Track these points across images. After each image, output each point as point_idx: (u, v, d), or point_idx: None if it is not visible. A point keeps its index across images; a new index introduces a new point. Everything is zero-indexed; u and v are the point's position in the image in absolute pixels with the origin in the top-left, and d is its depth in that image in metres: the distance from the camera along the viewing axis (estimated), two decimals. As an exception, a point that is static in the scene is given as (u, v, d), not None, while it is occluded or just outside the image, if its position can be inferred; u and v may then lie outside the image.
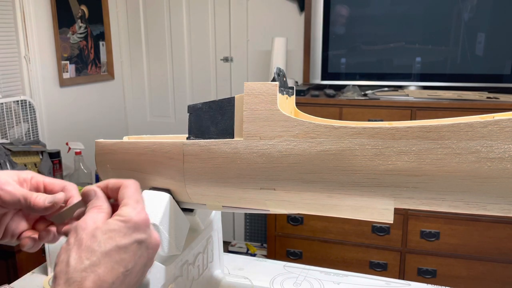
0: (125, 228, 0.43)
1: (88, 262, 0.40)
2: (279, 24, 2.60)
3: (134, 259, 0.43)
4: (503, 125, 0.44)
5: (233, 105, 0.57)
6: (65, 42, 2.49)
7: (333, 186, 0.52)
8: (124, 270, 0.42)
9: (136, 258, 0.43)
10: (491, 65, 2.08)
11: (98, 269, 0.40)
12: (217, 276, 0.85)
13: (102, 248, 0.41)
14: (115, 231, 0.43)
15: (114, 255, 0.42)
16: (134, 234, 0.43)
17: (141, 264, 0.44)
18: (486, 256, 1.95)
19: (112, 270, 0.41)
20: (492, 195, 0.46)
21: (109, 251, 0.42)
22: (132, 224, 0.44)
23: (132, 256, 0.43)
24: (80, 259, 0.41)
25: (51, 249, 0.93)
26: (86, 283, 0.40)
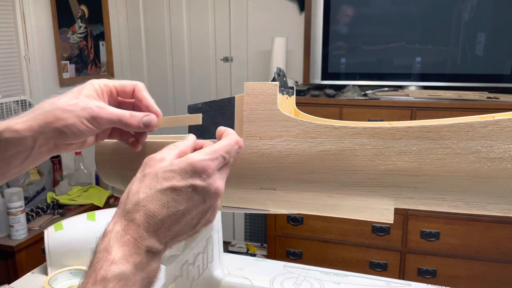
0: (185, 172, 0.44)
1: (143, 196, 0.43)
2: (279, 24, 2.60)
3: (188, 203, 0.44)
4: (503, 125, 0.44)
5: (233, 105, 0.57)
6: (65, 42, 2.49)
7: (333, 186, 0.52)
8: (175, 211, 0.43)
9: (190, 203, 0.44)
10: (491, 65, 2.08)
11: (149, 204, 0.42)
12: (217, 276, 0.85)
13: (158, 186, 0.43)
14: (175, 172, 0.44)
15: (168, 194, 0.43)
16: (192, 179, 0.44)
17: (197, 211, 0.45)
18: (486, 256, 1.95)
19: (162, 207, 0.43)
20: (492, 195, 0.46)
21: (164, 190, 0.43)
22: (192, 169, 0.44)
23: (185, 199, 0.44)
24: (138, 193, 0.43)
25: (51, 249, 0.93)
26: (137, 215, 0.42)
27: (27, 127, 0.50)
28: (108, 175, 0.69)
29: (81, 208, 2.13)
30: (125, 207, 0.43)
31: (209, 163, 0.45)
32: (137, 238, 0.42)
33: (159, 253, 0.43)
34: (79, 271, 0.92)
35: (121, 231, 0.42)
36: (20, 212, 1.79)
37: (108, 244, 0.41)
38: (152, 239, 0.42)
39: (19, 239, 1.80)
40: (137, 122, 0.54)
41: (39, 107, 0.52)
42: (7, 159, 0.51)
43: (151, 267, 0.42)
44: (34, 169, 2.15)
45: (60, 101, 0.52)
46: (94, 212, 0.99)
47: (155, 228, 0.42)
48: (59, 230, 0.94)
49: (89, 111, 0.51)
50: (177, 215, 0.44)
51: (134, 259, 0.41)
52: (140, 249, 0.42)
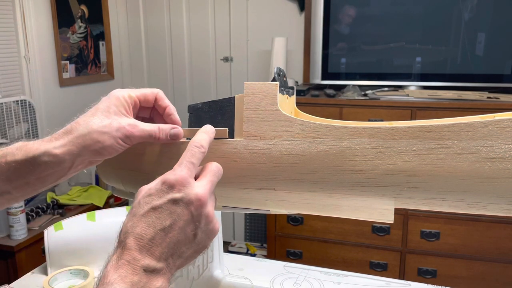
0: (160, 190, 0.47)
1: (130, 224, 0.46)
2: (279, 24, 2.60)
3: (172, 216, 0.46)
4: (504, 125, 0.44)
5: (233, 105, 0.57)
6: (65, 42, 2.49)
7: (333, 186, 0.52)
8: (161, 227, 0.45)
9: (174, 216, 0.46)
10: (491, 65, 2.08)
11: (136, 229, 0.45)
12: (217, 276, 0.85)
13: (140, 212, 0.46)
14: (152, 194, 0.47)
15: (150, 215, 0.46)
16: (169, 194, 0.46)
17: (185, 221, 0.46)
18: (486, 256, 1.95)
19: (148, 227, 0.45)
20: (493, 195, 0.46)
21: (145, 213, 0.46)
22: (166, 185, 0.47)
23: (168, 214, 0.46)
24: (126, 224, 0.46)
25: (51, 250, 0.93)
26: (127, 241, 0.45)
27: (66, 151, 0.53)
28: (108, 175, 0.69)
29: (81, 208, 2.13)
30: (119, 239, 0.46)
31: (179, 173, 0.47)
32: (130, 260, 0.43)
33: (160, 271, 0.45)
34: (79, 271, 0.92)
35: (116, 258, 0.44)
36: (20, 212, 1.79)
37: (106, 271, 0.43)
38: (147, 259, 0.44)
39: (19, 239, 1.80)
40: (165, 136, 0.57)
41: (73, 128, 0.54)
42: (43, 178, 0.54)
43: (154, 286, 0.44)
44: (34, 169, 2.15)
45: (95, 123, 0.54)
46: (94, 212, 0.99)
47: (147, 248, 0.44)
48: (59, 230, 0.94)
49: (123, 131, 0.54)
50: (166, 231, 0.45)
51: (131, 279, 0.42)
52: (136, 269, 0.43)
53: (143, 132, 0.55)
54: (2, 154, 0.54)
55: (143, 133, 0.55)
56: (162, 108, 0.60)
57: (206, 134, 0.53)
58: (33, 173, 0.53)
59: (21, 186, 0.55)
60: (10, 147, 0.54)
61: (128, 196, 0.70)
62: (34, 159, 0.52)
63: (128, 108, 0.57)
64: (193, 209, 0.47)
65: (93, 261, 0.93)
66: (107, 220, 0.97)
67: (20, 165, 0.53)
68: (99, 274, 0.44)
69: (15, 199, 0.57)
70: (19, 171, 0.53)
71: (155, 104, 0.60)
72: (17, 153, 0.53)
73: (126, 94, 0.57)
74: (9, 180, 0.54)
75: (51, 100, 2.41)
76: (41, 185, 0.55)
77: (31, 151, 0.52)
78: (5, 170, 0.53)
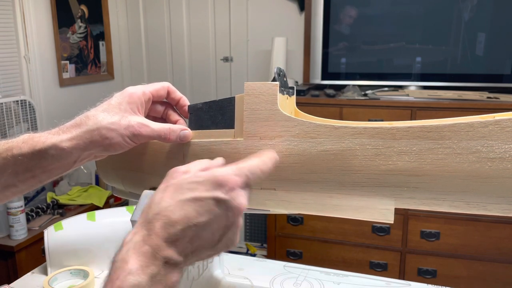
0: (209, 183, 0.44)
1: (165, 206, 0.43)
2: (279, 24, 2.59)
3: (209, 215, 0.43)
4: (504, 125, 0.44)
5: (233, 105, 0.57)
6: (65, 42, 2.49)
7: (334, 186, 0.52)
8: (196, 222, 0.42)
9: (212, 216, 0.43)
10: (491, 65, 2.08)
11: (170, 213, 0.42)
12: (217, 276, 0.85)
13: (181, 196, 0.43)
14: (199, 183, 0.44)
15: (189, 205, 0.43)
16: (215, 191, 0.44)
17: (219, 225, 0.44)
18: (486, 256, 1.95)
19: (183, 218, 0.42)
20: (493, 195, 0.46)
21: (186, 200, 0.43)
22: (216, 181, 0.44)
23: (207, 211, 0.43)
24: (159, 203, 0.43)
25: (51, 250, 0.93)
26: (157, 224, 0.42)
27: (74, 145, 0.52)
28: (108, 175, 0.69)
29: (81, 208, 2.13)
30: (147, 216, 0.43)
31: (234, 177, 0.45)
32: (155, 248, 0.41)
33: (178, 266, 0.43)
34: (79, 271, 0.92)
35: (140, 241, 0.42)
36: (20, 212, 1.78)
37: (126, 254, 0.41)
38: (171, 250, 0.42)
39: (19, 239, 1.80)
40: (175, 137, 0.56)
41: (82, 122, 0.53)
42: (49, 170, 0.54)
43: (170, 280, 0.42)
44: (34, 169, 2.15)
45: (104, 119, 0.53)
46: (94, 212, 0.99)
47: (174, 239, 0.42)
48: (59, 230, 0.94)
49: (132, 129, 0.53)
50: (198, 227, 0.43)
51: (151, 270, 0.40)
52: (157, 260, 0.41)
53: (152, 133, 0.55)
54: (8, 147, 0.53)
55: (152, 133, 0.55)
56: (175, 101, 0.61)
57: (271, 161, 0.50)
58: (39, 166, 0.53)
59: (27, 179, 0.54)
60: (15, 140, 0.54)
61: (128, 196, 0.70)
62: (40, 153, 0.52)
63: (140, 106, 0.56)
64: (232, 216, 0.45)
65: (93, 261, 0.93)
66: (107, 220, 0.97)
67: (26, 159, 0.52)
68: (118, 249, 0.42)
69: (21, 192, 0.57)
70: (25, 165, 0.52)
71: (167, 98, 0.60)
72: (23, 147, 0.52)
73: (140, 91, 0.57)
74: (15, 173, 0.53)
75: (51, 100, 2.41)
76: (46, 177, 0.55)
77: (37, 145, 0.52)
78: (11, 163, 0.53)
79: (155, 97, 0.59)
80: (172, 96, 0.60)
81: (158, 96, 0.59)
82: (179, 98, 0.61)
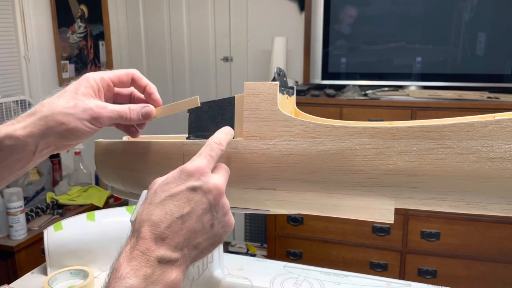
0: (178, 178, 0.46)
1: (146, 213, 0.44)
2: (279, 24, 2.59)
3: (189, 204, 0.45)
4: (504, 125, 0.44)
5: (233, 105, 0.57)
6: (64, 42, 2.49)
7: (334, 186, 0.52)
8: (178, 215, 0.44)
9: (192, 203, 0.45)
10: (491, 65, 2.08)
11: (152, 216, 0.44)
12: (217, 276, 0.85)
13: (156, 200, 0.45)
14: (169, 183, 0.46)
15: (168, 203, 0.44)
16: (187, 182, 0.45)
17: (202, 209, 0.45)
18: (487, 256, 1.95)
19: (165, 215, 0.44)
20: (493, 195, 0.46)
21: (162, 201, 0.45)
22: (184, 174, 0.46)
23: (186, 201, 0.45)
24: (142, 212, 0.45)
25: (51, 250, 0.93)
26: (142, 229, 0.43)
27: (28, 133, 0.50)
28: (108, 175, 0.69)
29: (80, 208, 2.13)
30: (133, 228, 0.45)
31: (198, 163, 0.47)
32: (145, 251, 0.42)
33: (175, 262, 0.43)
34: (79, 271, 0.92)
35: (130, 249, 0.43)
36: (19, 212, 1.78)
37: (118, 264, 0.42)
38: (162, 249, 0.42)
39: (19, 239, 1.80)
40: (137, 115, 0.55)
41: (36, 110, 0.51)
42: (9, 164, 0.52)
43: (168, 278, 0.42)
44: (33, 169, 2.15)
45: (59, 104, 0.51)
46: (94, 212, 0.99)
47: (162, 237, 0.43)
48: (58, 230, 0.94)
49: (90, 112, 0.52)
50: (183, 219, 0.44)
51: (143, 272, 0.41)
52: (149, 261, 0.41)
53: (112, 113, 0.53)
54: None
55: (113, 113, 0.53)
56: (141, 88, 0.59)
57: (226, 135, 0.52)
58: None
59: None
60: None
61: (128, 196, 0.70)
62: None
63: (98, 91, 0.55)
64: (212, 197, 0.46)
65: (93, 261, 0.93)
66: (107, 220, 0.97)
67: None
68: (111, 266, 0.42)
69: None
70: None
71: (133, 85, 0.59)
72: None
73: (97, 77, 0.55)
74: None
75: (51, 100, 2.41)
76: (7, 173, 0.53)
77: None
78: None
79: (117, 84, 0.57)
80: (138, 83, 0.59)
81: (121, 83, 0.58)
82: (145, 85, 0.59)
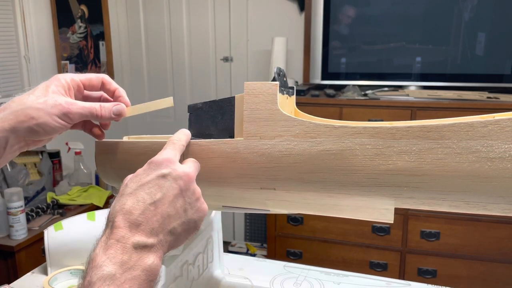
0: (148, 169, 0.48)
1: (119, 204, 0.46)
2: (279, 24, 2.59)
3: (161, 190, 0.46)
4: (504, 124, 0.44)
5: (233, 105, 0.57)
6: (64, 42, 2.49)
7: (334, 186, 0.52)
8: (151, 201, 0.45)
9: (163, 189, 0.46)
10: (491, 65, 2.08)
11: (125, 206, 0.45)
12: (217, 276, 0.85)
13: (128, 190, 0.47)
14: (139, 175, 0.48)
15: (139, 192, 0.46)
16: (156, 170, 0.47)
17: (174, 194, 0.47)
18: (487, 256, 1.95)
19: (137, 203, 0.45)
20: (493, 194, 0.46)
21: (133, 190, 0.46)
22: (153, 164, 0.48)
23: (157, 188, 0.46)
24: (115, 205, 0.46)
25: (51, 250, 0.93)
26: (116, 219, 0.44)
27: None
28: (108, 175, 0.69)
29: (81, 208, 2.13)
30: (107, 220, 0.46)
31: (165, 154, 0.49)
32: (120, 239, 0.43)
33: (152, 248, 0.44)
34: (79, 271, 0.92)
35: (105, 239, 0.44)
36: (20, 212, 1.78)
37: (94, 254, 0.43)
38: (137, 235, 0.43)
39: (19, 239, 1.80)
40: (108, 113, 0.56)
41: (6, 106, 0.52)
42: None
43: (145, 263, 0.43)
44: (34, 169, 2.15)
45: (29, 100, 0.52)
46: (94, 212, 0.99)
47: (137, 224, 0.44)
48: (59, 230, 0.94)
49: (60, 107, 0.53)
50: (155, 204, 0.45)
51: (119, 258, 0.42)
52: (125, 248, 0.42)
53: (82, 109, 0.54)
54: None
55: (83, 110, 0.54)
56: (111, 92, 0.60)
57: (184, 135, 0.55)
58: None
59: None
60: None
61: (128, 196, 0.70)
62: None
63: (68, 90, 0.56)
64: (182, 183, 0.48)
65: (93, 261, 0.93)
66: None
67: None
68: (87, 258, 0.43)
69: None
70: None
71: (103, 89, 0.60)
72: None
73: (68, 78, 0.56)
74: None
75: (51, 100, 2.41)
76: None
77: None
78: None
79: (87, 86, 0.58)
80: (107, 87, 0.60)
81: (91, 85, 0.59)
82: (114, 89, 0.60)
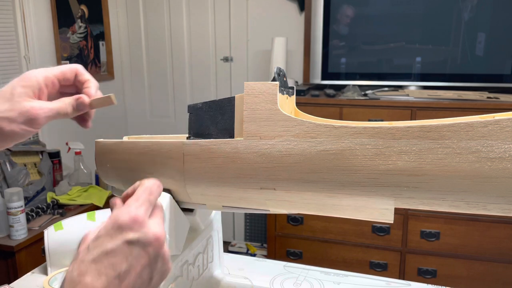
0: (112, 231, 0.42)
1: (76, 273, 0.40)
2: (279, 24, 2.59)
3: (128, 261, 0.41)
4: (503, 124, 0.44)
5: (233, 105, 0.57)
6: (65, 42, 2.49)
7: (334, 186, 0.52)
8: (115, 274, 0.40)
9: (130, 259, 0.41)
10: (491, 65, 2.08)
11: (85, 278, 0.39)
12: (217, 276, 0.85)
13: (90, 257, 0.41)
14: (102, 236, 0.42)
15: (102, 261, 0.40)
16: (122, 235, 0.41)
17: (142, 264, 0.42)
18: (486, 256, 1.95)
19: (100, 276, 0.39)
20: (493, 195, 0.46)
21: (96, 258, 0.40)
22: (118, 225, 0.42)
23: (123, 257, 0.41)
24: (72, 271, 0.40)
25: (51, 250, 0.93)
26: None
27: None
28: (108, 175, 0.69)
29: (81, 208, 2.13)
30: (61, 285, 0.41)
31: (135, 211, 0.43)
32: None
33: None
34: (79, 271, 0.92)
35: None
36: (20, 212, 1.78)
37: None
38: None
39: (19, 239, 1.80)
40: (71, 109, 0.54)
41: None
42: None
43: None
44: (34, 169, 2.15)
45: None
46: (94, 212, 0.99)
47: None
48: (59, 230, 0.94)
49: (26, 115, 0.51)
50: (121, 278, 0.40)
51: None
52: None
53: (50, 112, 0.52)
54: None
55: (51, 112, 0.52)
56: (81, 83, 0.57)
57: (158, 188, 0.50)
58: None
59: None
60: None
61: (128, 196, 0.70)
62: None
63: (37, 90, 0.53)
64: (152, 250, 0.42)
65: (93, 261, 0.93)
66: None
67: None
68: None
69: None
70: None
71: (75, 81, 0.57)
72: None
73: (40, 76, 0.54)
74: None
75: (51, 100, 2.41)
76: None
77: None
78: None
79: (62, 81, 0.56)
80: (79, 79, 0.57)
81: (65, 79, 0.56)
82: (85, 80, 0.57)
